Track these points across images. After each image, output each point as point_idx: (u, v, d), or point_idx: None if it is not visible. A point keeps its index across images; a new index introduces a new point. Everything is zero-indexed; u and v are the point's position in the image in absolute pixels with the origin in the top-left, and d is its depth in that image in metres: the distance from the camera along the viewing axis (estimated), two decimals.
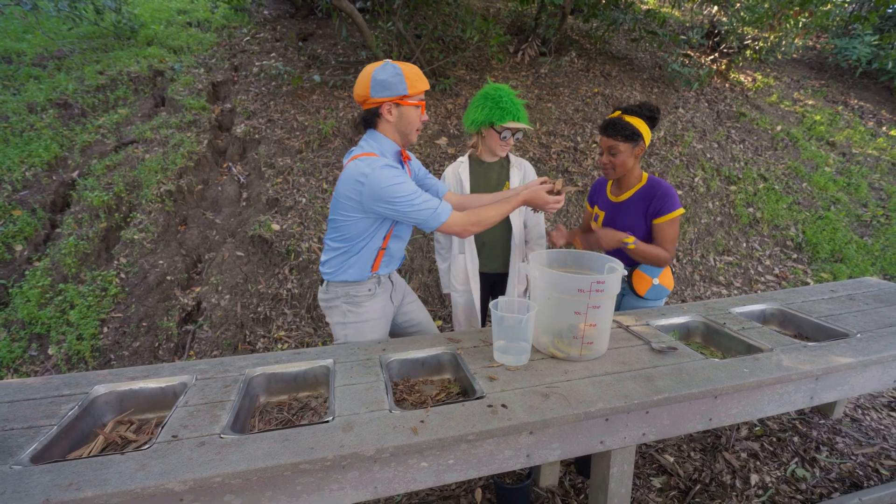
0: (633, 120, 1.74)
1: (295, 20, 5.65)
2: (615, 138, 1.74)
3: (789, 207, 4.18)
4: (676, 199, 1.76)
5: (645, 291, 1.87)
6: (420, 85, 1.47)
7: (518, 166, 2.04)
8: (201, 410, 1.21)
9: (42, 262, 2.95)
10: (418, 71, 1.48)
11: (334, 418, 1.17)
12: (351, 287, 1.61)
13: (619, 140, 1.74)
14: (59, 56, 4.31)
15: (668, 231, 1.76)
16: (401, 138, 1.55)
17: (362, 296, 1.62)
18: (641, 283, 1.87)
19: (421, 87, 1.47)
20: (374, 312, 1.65)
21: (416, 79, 1.46)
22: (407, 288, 1.89)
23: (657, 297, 1.89)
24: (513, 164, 2.03)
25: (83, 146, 3.65)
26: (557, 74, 5.08)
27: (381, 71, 1.43)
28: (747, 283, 3.64)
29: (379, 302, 1.67)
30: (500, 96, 1.86)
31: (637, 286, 1.87)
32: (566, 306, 1.42)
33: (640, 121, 1.75)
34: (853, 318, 1.81)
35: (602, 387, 1.31)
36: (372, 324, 1.66)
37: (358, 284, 1.61)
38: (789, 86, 5.66)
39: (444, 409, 1.21)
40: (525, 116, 1.90)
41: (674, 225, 1.76)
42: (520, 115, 1.88)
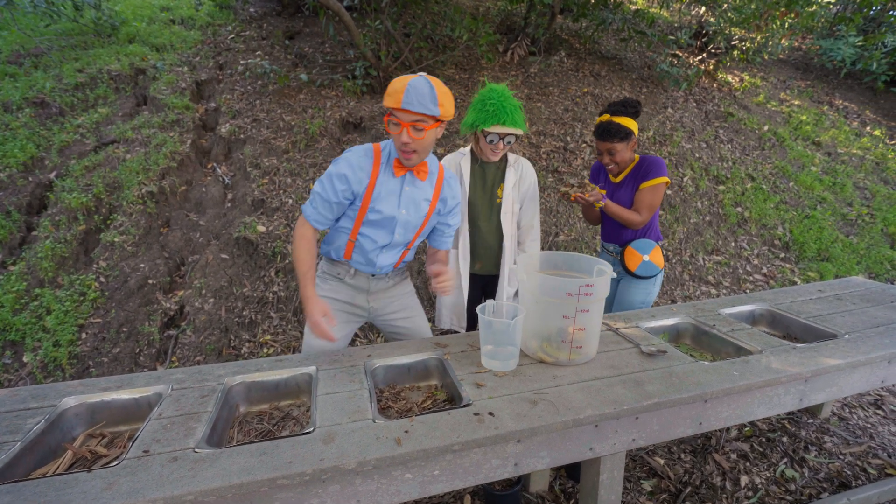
0: (623, 120, 1.84)
1: (282, 18, 5.56)
2: (612, 141, 1.85)
3: (777, 207, 4.22)
4: (664, 168, 1.87)
5: (636, 267, 1.94)
6: (387, 101, 1.34)
7: (515, 167, 1.97)
8: (176, 423, 1.16)
9: (17, 267, 2.85)
10: (396, 86, 1.32)
11: (315, 429, 1.13)
12: (325, 262, 1.69)
13: (616, 142, 1.84)
14: (36, 53, 4.18)
15: (648, 196, 1.87)
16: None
17: (331, 275, 1.66)
18: (632, 259, 1.95)
19: (386, 103, 1.34)
20: (336, 293, 1.66)
21: (388, 94, 1.34)
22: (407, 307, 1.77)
23: (649, 274, 1.95)
24: (510, 164, 1.96)
25: (61, 146, 3.55)
26: (547, 74, 5.07)
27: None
28: (736, 283, 3.66)
29: (344, 290, 1.66)
30: (488, 98, 1.80)
31: (629, 262, 1.96)
32: (554, 310, 1.39)
33: (629, 119, 1.85)
34: (841, 319, 1.81)
35: (591, 392, 1.29)
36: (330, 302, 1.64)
37: (331, 263, 1.66)
38: (776, 86, 5.72)
39: (429, 418, 1.17)
40: (516, 120, 1.79)
41: (655, 191, 1.86)
42: (506, 119, 1.77)
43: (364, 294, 1.67)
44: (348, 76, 4.46)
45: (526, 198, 2.00)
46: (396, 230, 1.55)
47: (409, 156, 1.41)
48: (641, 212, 1.89)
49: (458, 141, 4.08)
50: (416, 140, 1.37)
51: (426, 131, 1.36)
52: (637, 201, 1.90)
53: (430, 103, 1.32)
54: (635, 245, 1.96)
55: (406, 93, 1.30)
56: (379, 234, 1.55)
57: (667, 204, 4.05)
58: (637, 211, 1.90)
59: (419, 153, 1.42)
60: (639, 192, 1.90)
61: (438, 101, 1.33)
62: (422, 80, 1.33)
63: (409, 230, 1.58)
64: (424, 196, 1.55)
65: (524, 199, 2.01)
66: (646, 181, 1.88)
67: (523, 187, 1.99)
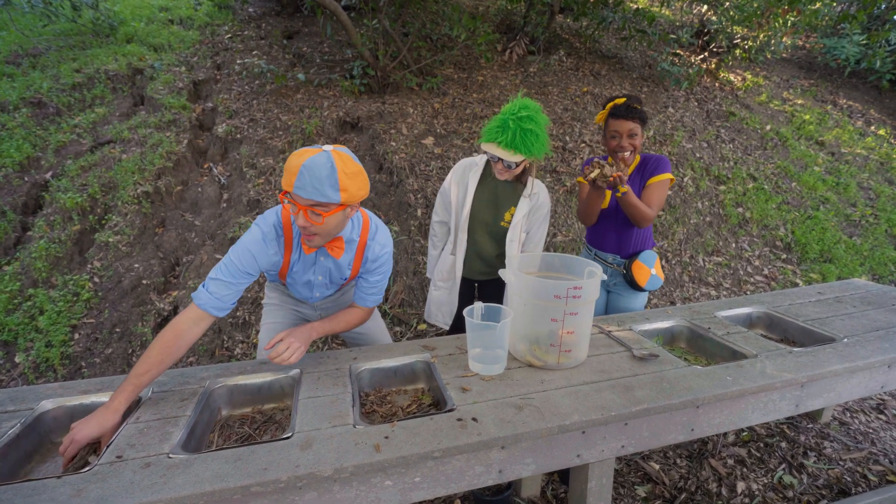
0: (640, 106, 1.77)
1: (281, 18, 5.55)
2: (635, 121, 1.73)
3: (778, 207, 4.16)
4: (669, 165, 1.82)
5: (645, 282, 1.85)
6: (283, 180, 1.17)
7: (531, 197, 1.80)
8: (152, 427, 1.14)
9: (11, 267, 2.85)
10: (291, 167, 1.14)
11: (293, 434, 1.10)
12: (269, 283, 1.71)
13: (638, 122, 1.74)
14: (34, 53, 4.19)
15: (657, 191, 1.79)
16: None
17: (273, 285, 1.69)
18: (641, 273, 1.85)
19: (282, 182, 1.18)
20: (278, 300, 1.69)
21: (284, 171, 1.17)
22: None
23: (653, 287, 1.89)
24: (527, 192, 1.79)
25: (57, 146, 3.54)
26: (546, 73, 5.03)
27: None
28: (736, 284, 3.61)
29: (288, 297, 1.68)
30: (504, 111, 1.63)
31: (638, 277, 1.85)
32: (543, 313, 1.36)
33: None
34: (840, 322, 1.77)
35: (579, 398, 1.25)
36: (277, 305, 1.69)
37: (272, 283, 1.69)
38: (779, 85, 5.66)
39: (410, 424, 1.15)
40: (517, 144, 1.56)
41: (662, 187, 1.80)
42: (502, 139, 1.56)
43: (309, 308, 1.69)
44: (346, 76, 4.44)
45: (534, 226, 1.89)
46: (315, 290, 1.53)
47: (311, 238, 1.25)
48: (653, 206, 1.77)
49: (457, 141, 4.05)
50: (315, 224, 1.19)
51: (325, 217, 1.18)
52: (646, 196, 1.79)
53: (329, 188, 1.12)
54: (643, 258, 1.84)
55: (299, 175, 1.11)
56: (299, 290, 1.55)
57: (667, 204, 4.01)
58: (649, 205, 1.77)
59: (321, 236, 1.25)
60: (647, 187, 1.80)
61: (340, 185, 1.13)
62: (323, 158, 1.13)
63: (330, 287, 1.55)
64: (345, 264, 1.45)
65: (532, 227, 1.89)
66: (654, 176, 1.79)
67: (533, 217, 1.86)
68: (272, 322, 1.66)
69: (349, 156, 1.19)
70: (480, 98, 4.57)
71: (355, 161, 1.20)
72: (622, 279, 1.94)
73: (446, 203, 1.97)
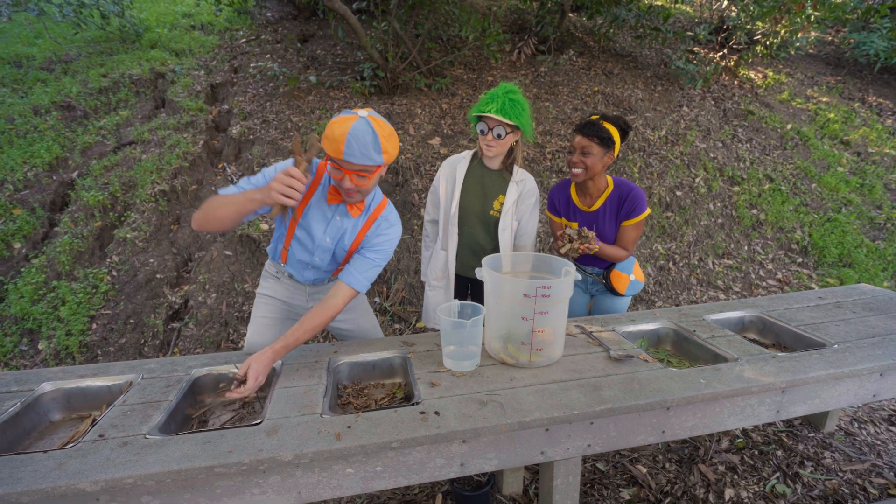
0: (610, 126, 1.75)
1: (297, 21, 5.70)
2: (591, 139, 1.73)
3: (796, 209, 4.01)
4: (645, 201, 1.79)
5: (625, 288, 1.87)
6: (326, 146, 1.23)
7: (519, 182, 1.86)
8: (136, 410, 1.22)
9: (38, 260, 3.04)
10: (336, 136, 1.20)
11: (263, 421, 1.16)
12: (268, 262, 1.72)
13: (595, 142, 1.72)
14: (66, 60, 4.45)
15: (633, 233, 1.81)
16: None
17: (270, 273, 1.70)
18: (621, 281, 1.87)
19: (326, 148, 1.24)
20: (274, 292, 1.69)
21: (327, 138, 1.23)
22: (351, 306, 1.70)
23: (634, 292, 1.91)
24: (514, 178, 1.85)
25: (84, 147, 3.76)
26: (557, 73, 5.00)
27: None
28: (747, 288, 3.51)
29: (283, 289, 1.68)
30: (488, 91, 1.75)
31: (618, 285, 1.87)
32: (513, 311, 1.38)
33: (615, 129, 1.75)
34: (835, 328, 1.72)
35: (544, 396, 1.27)
36: (267, 300, 1.69)
37: (272, 263, 1.68)
38: (802, 82, 5.44)
39: (374, 415, 1.19)
40: (507, 111, 1.67)
41: (639, 227, 1.81)
42: (493, 107, 1.67)
43: (303, 295, 1.68)
44: (356, 77, 4.53)
45: (525, 214, 1.91)
46: (316, 254, 1.50)
47: (353, 195, 1.35)
48: (628, 247, 1.83)
49: (463, 141, 4.08)
50: (359, 185, 1.30)
51: (370, 178, 1.29)
52: (623, 237, 1.82)
53: (374, 153, 1.22)
54: (620, 266, 1.87)
55: (347, 144, 1.19)
56: (302, 253, 1.52)
57: (676, 206, 3.93)
58: (624, 247, 1.83)
59: (362, 193, 1.36)
60: (623, 228, 1.81)
61: (382, 148, 1.23)
62: (363, 124, 1.20)
63: (331, 260, 1.54)
64: (353, 229, 1.49)
65: (522, 216, 1.92)
66: (629, 219, 1.78)
67: (522, 206, 1.90)
68: (262, 316, 1.70)
69: (382, 119, 1.28)
70: None
71: (387, 123, 1.29)
72: (603, 287, 1.94)
73: (436, 200, 2.00)
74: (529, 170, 3.96)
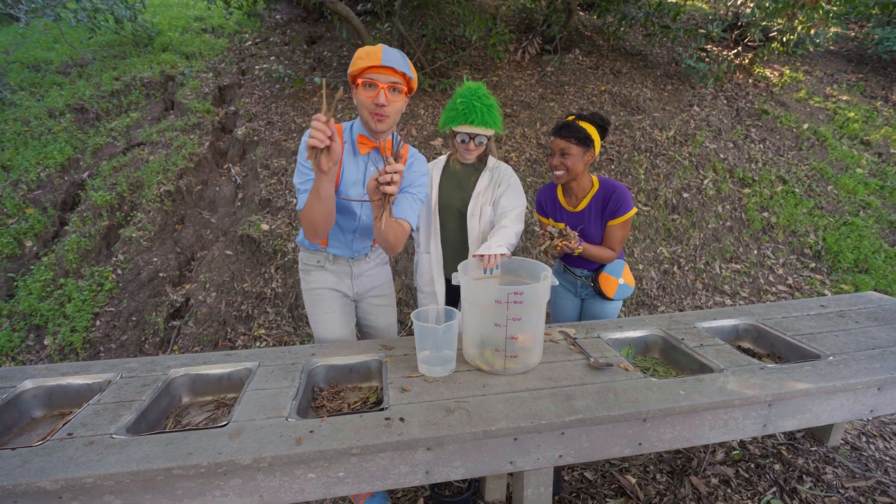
0: (587, 126, 1.75)
1: (305, 24, 5.76)
2: (568, 140, 1.73)
3: (810, 212, 3.87)
4: (630, 199, 1.78)
5: (614, 292, 1.84)
6: (360, 63, 1.32)
7: (491, 170, 1.89)
8: (109, 409, 1.24)
9: (48, 258, 3.14)
10: (370, 50, 1.33)
11: (229, 423, 1.17)
12: (304, 254, 1.66)
13: (572, 143, 1.72)
14: (81, 64, 4.59)
15: (620, 232, 1.78)
16: (364, 125, 1.45)
17: (311, 265, 1.65)
18: (609, 285, 1.84)
19: (360, 65, 1.32)
20: (322, 282, 1.65)
21: (359, 57, 1.33)
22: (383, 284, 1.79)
23: (623, 297, 1.87)
24: (486, 167, 1.89)
25: (95, 148, 3.87)
26: (564, 73, 4.93)
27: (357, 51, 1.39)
28: (755, 294, 3.40)
29: (329, 276, 1.65)
30: (459, 96, 1.79)
31: (605, 289, 1.84)
32: (486, 317, 1.36)
33: (592, 127, 1.75)
34: (834, 339, 1.64)
35: (514, 404, 1.24)
36: (321, 293, 1.65)
37: (309, 253, 1.65)
38: (821, 80, 5.24)
39: (338, 420, 1.18)
40: (486, 120, 1.75)
41: (626, 226, 1.79)
42: (475, 118, 1.74)
43: (348, 278, 1.68)
44: None
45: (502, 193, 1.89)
46: (362, 212, 1.54)
47: (383, 118, 1.37)
48: (615, 247, 1.81)
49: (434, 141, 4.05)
50: (392, 102, 1.36)
51: (402, 94, 1.39)
52: (609, 237, 1.80)
53: (406, 65, 1.38)
54: (608, 269, 1.84)
55: (385, 52, 1.33)
56: (343, 220, 1.54)
57: (683, 208, 3.83)
58: (610, 247, 1.81)
59: (391, 117, 1.40)
60: (609, 228, 1.79)
61: (409, 64, 1.40)
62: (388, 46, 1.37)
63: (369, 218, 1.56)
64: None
65: (500, 197, 1.90)
66: (615, 218, 1.77)
67: (498, 191, 1.90)
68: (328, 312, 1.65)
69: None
70: None
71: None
72: (592, 290, 1.90)
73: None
74: (531, 171, 3.91)
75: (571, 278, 1.99)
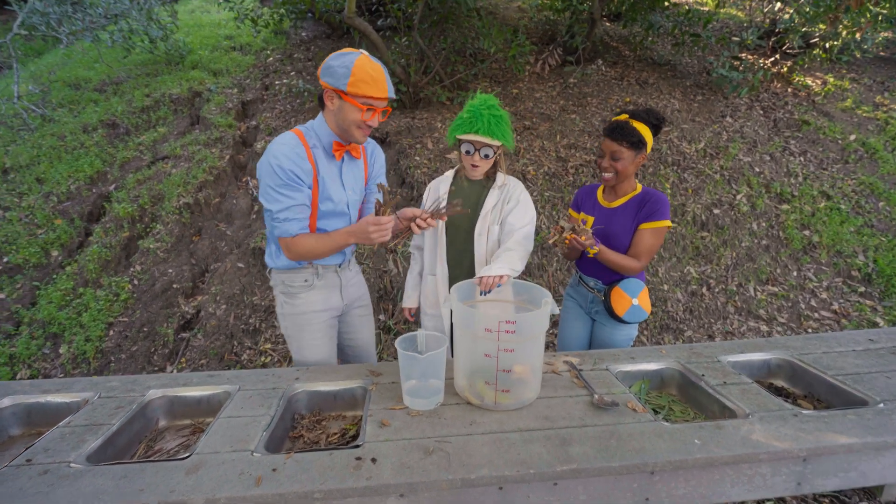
0: (640, 126, 1.62)
1: (330, 40, 5.88)
2: (621, 143, 1.61)
3: (858, 231, 3.53)
4: (668, 210, 1.66)
5: (624, 311, 1.66)
6: (365, 88, 1.32)
7: (501, 189, 1.77)
8: (76, 432, 1.19)
9: (70, 268, 3.24)
10: (376, 76, 1.33)
11: (191, 455, 1.09)
12: (286, 275, 1.56)
13: (625, 146, 1.61)
14: (116, 82, 4.82)
15: (650, 239, 1.65)
16: (339, 131, 1.44)
17: (298, 286, 1.56)
18: (621, 302, 1.67)
19: (366, 91, 1.32)
20: (311, 305, 1.58)
21: (364, 81, 1.31)
22: (364, 294, 1.79)
23: (635, 320, 1.68)
24: (495, 184, 1.77)
25: (122, 162, 4.01)
26: (587, 84, 4.78)
27: (337, 57, 1.34)
28: (795, 319, 3.10)
29: (318, 294, 1.58)
30: (469, 107, 1.69)
31: (616, 305, 1.67)
32: (476, 346, 1.24)
33: (646, 128, 1.63)
34: (885, 381, 1.42)
35: (501, 447, 1.11)
36: (310, 317, 1.58)
37: (293, 273, 1.56)
38: (870, 88, 4.86)
39: (306, 457, 1.08)
40: (493, 130, 1.65)
41: (657, 234, 1.65)
42: (480, 127, 1.64)
43: (337, 290, 1.64)
44: None
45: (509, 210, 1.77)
46: (350, 213, 1.56)
47: (367, 134, 1.45)
48: (641, 257, 1.65)
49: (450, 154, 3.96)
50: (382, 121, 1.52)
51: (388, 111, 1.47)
52: (637, 243, 1.66)
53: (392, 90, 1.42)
54: (624, 286, 1.67)
55: (388, 81, 1.37)
56: (335, 224, 1.52)
57: (714, 225, 3.58)
58: (636, 256, 1.66)
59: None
60: (639, 232, 1.66)
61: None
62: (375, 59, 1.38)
63: (356, 208, 1.61)
64: (359, 171, 1.59)
65: (507, 215, 1.78)
66: (649, 221, 1.64)
67: (507, 208, 1.77)
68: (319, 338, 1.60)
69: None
70: (512, 111, 4.45)
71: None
72: (603, 306, 1.74)
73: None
74: (549, 185, 3.77)
75: (584, 291, 1.85)
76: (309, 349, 1.59)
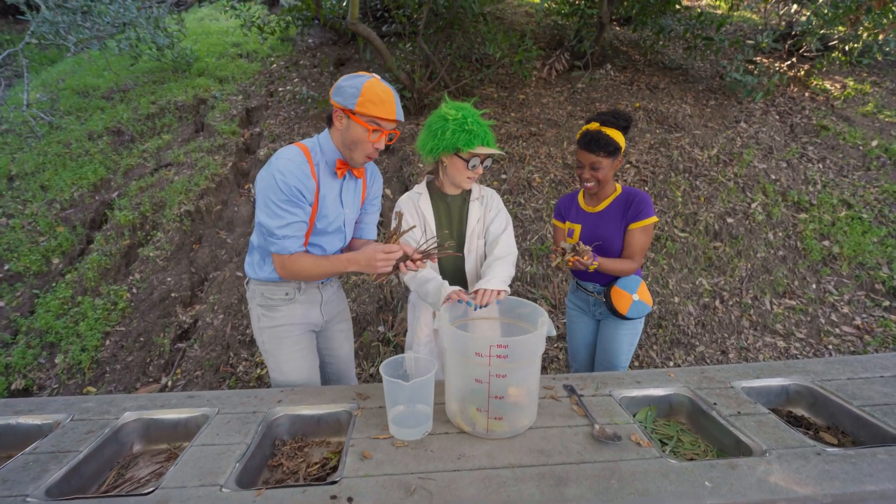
0: (613, 133, 1.63)
1: (336, 47, 5.87)
2: (598, 154, 1.62)
3: (881, 241, 3.36)
4: (652, 206, 1.70)
5: (627, 309, 1.68)
6: (373, 109, 1.31)
7: (480, 200, 1.72)
8: (40, 461, 1.12)
9: (70, 275, 3.22)
10: (385, 97, 1.32)
11: (155, 490, 1.01)
12: (266, 287, 1.50)
13: (602, 156, 1.62)
14: (124, 89, 4.85)
15: (641, 238, 1.68)
16: (344, 150, 1.41)
17: (277, 299, 1.51)
18: (622, 300, 1.69)
19: (373, 111, 1.31)
20: (291, 318, 1.53)
21: (372, 101, 1.31)
22: (344, 309, 1.75)
23: (639, 315, 1.71)
24: (474, 196, 1.72)
25: (126, 169, 4.01)
26: (595, 89, 4.68)
27: (348, 78, 1.35)
28: (815, 335, 2.95)
29: (298, 308, 1.53)
30: (464, 118, 1.59)
31: (618, 305, 1.69)
32: (466, 371, 1.15)
33: (619, 133, 1.65)
34: None
35: (490, 486, 1.01)
36: (290, 329, 1.53)
37: (274, 285, 1.50)
38: (893, 92, 4.68)
39: (278, 494, 1.00)
40: (493, 140, 1.62)
41: (647, 232, 1.69)
42: (488, 139, 1.59)
43: (317, 306, 1.59)
44: None
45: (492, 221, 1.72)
46: (346, 231, 1.54)
47: (372, 157, 1.43)
48: (635, 257, 1.70)
49: None
50: (389, 144, 1.44)
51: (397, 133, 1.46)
52: (630, 244, 1.70)
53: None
54: (622, 284, 1.69)
55: (397, 104, 1.36)
56: (329, 241, 1.51)
57: (727, 235, 3.44)
58: (630, 256, 1.70)
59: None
60: (629, 233, 1.70)
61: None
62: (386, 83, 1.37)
63: (351, 226, 1.59)
64: (359, 190, 1.57)
65: (490, 224, 1.73)
66: (636, 221, 1.68)
67: (488, 218, 1.73)
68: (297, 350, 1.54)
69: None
70: (518, 117, 4.37)
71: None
72: (607, 310, 1.75)
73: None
74: (556, 192, 3.67)
75: (584, 295, 1.86)
76: (289, 365, 1.52)
